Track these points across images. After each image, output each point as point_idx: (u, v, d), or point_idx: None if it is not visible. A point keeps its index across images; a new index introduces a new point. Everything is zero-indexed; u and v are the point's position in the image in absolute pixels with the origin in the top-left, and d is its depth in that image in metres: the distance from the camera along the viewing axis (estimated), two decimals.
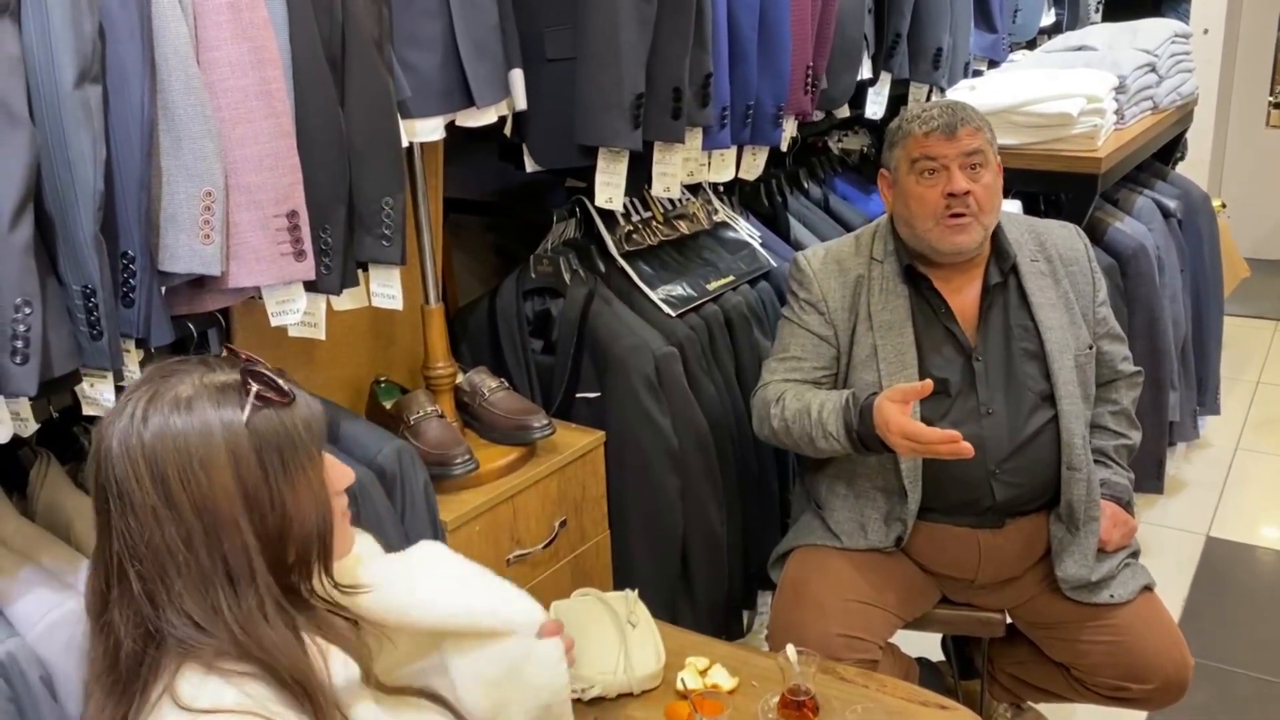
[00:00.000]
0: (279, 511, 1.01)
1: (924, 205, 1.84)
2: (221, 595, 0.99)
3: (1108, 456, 2.01)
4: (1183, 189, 3.27)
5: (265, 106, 1.37)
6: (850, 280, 1.94)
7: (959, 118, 1.84)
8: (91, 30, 1.19)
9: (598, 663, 1.61)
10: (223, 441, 0.98)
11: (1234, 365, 3.96)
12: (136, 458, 0.97)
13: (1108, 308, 2.03)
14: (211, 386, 1.00)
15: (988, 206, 1.85)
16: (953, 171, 1.82)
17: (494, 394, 1.99)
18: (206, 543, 0.98)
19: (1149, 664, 1.86)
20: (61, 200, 1.21)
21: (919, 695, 1.60)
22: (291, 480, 1.01)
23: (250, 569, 1.00)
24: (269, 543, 1.01)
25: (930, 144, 1.83)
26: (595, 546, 2.08)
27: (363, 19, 1.51)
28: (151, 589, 0.98)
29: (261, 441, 1.00)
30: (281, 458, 1.01)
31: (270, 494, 1.00)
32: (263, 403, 1.01)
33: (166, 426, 0.98)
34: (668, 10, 1.87)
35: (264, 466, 1.00)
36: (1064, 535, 1.90)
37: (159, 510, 0.97)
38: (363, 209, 1.56)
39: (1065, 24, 3.67)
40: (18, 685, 1.21)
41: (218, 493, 0.98)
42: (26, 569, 1.31)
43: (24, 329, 1.17)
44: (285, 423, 1.02)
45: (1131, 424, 2.07)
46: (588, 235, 2.29)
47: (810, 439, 1.84)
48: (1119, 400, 2.05)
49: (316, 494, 1.04)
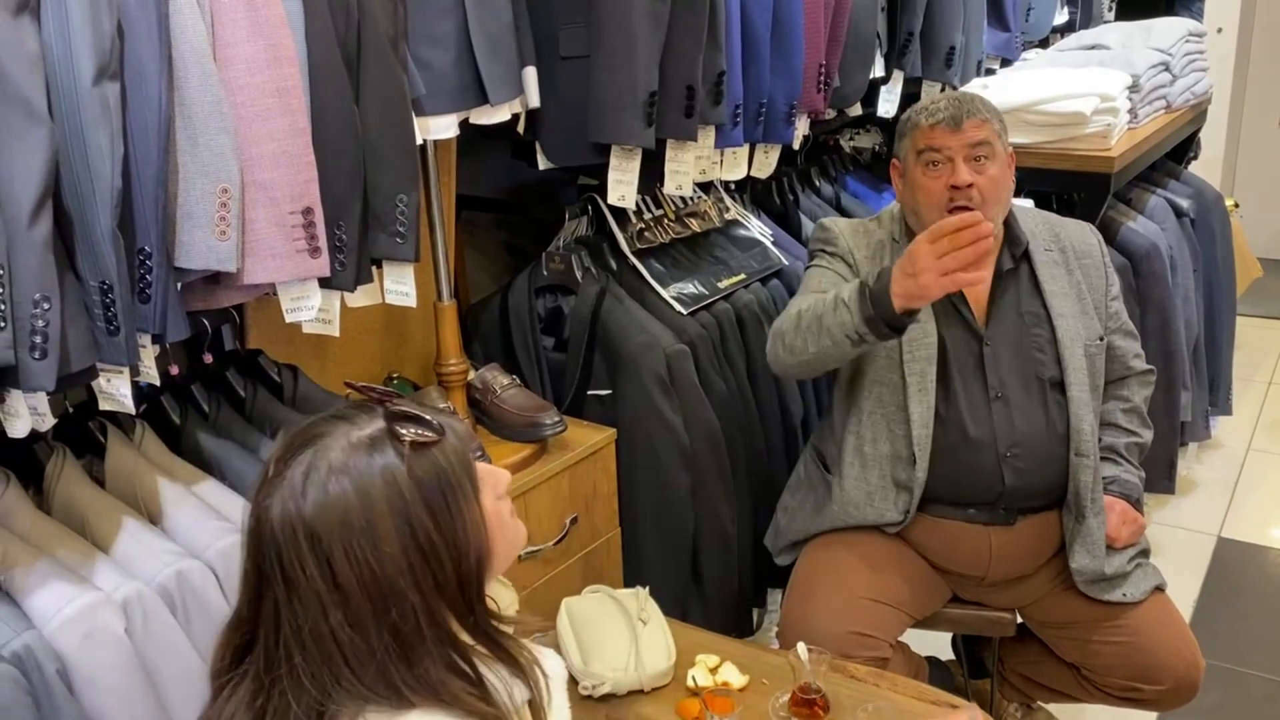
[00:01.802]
0: (454, 554, 0.98)
1: (929, 196, 1.85)
2: (393, 669, 0.95)
3: (1118, 454, 2.01)
4: (1196, 188, 3.25)
5: (281, 104, 1.37)
6: (874, 242, 1.96)
7: (965, 109, 1.84)
8: (110, 28, 1.20)
9: (609, 660, 1.61)
10: (385, 502, 0.95)
11: (1246, 365, 3.95)
12: (299, 540, 0.94)
13: (1120, 303, 2.03)
14: (362, 443, 0.97)
15: (992, 198, 1.84)
16: (957, 164, 1.82)
17: (505, 391, 1.99)
18: (377, 621, 0.94)
19: (1160, 665, 1.86)
20: (80, 196, 1.22)
21: (929, 694, 1.60)
22: (461, 518, 0.99)
23: (419, 633, 0.96)
24: (449, 589, 0.98)
25: (935, 136, 1.84)
26: (606, 544, 2.09)
27: (378, 16, 1.51)
28: (317, 674, 0.94)
29: (424, 489, 0.97)
30: (445, 499, 0.98)
31: (445, 540, 0.97)
32: (416, 448, 0.97)
33: (328, 498, 0.94)
34: (681, 9, 1.88)
35: (433, 514, 0.97)
36: (1074, 525, 1.90)
37: (326, 596, 0.93)
38: (377, 206, 1.56)
39: (1078, 23, 3.66)
40: (34, 678, 1.22)
41: (385, 563, 0.94)
42: (42, 563, 1.31)
43: (43, 324, 1.18)
44: (440, 461, 0.98)
45: (1143, 422, 2.06)
46: (600, 233, 2.29)
47: (818, 319, 1.75)
48: (1130, 397, 2.05)
49: (479, 526, 1.01)
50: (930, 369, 1.86)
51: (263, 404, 1.72)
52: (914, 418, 1.86)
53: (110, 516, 1.42)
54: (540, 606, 1.90)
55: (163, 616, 1.33)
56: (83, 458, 1.53)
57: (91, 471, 1.52)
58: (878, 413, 1.91)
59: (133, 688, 1.29)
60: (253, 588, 0.97)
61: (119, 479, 1.50)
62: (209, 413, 1.67)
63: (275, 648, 0.96)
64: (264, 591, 0.96)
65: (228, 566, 1.40)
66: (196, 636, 1.35)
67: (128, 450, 1.53)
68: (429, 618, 0.97)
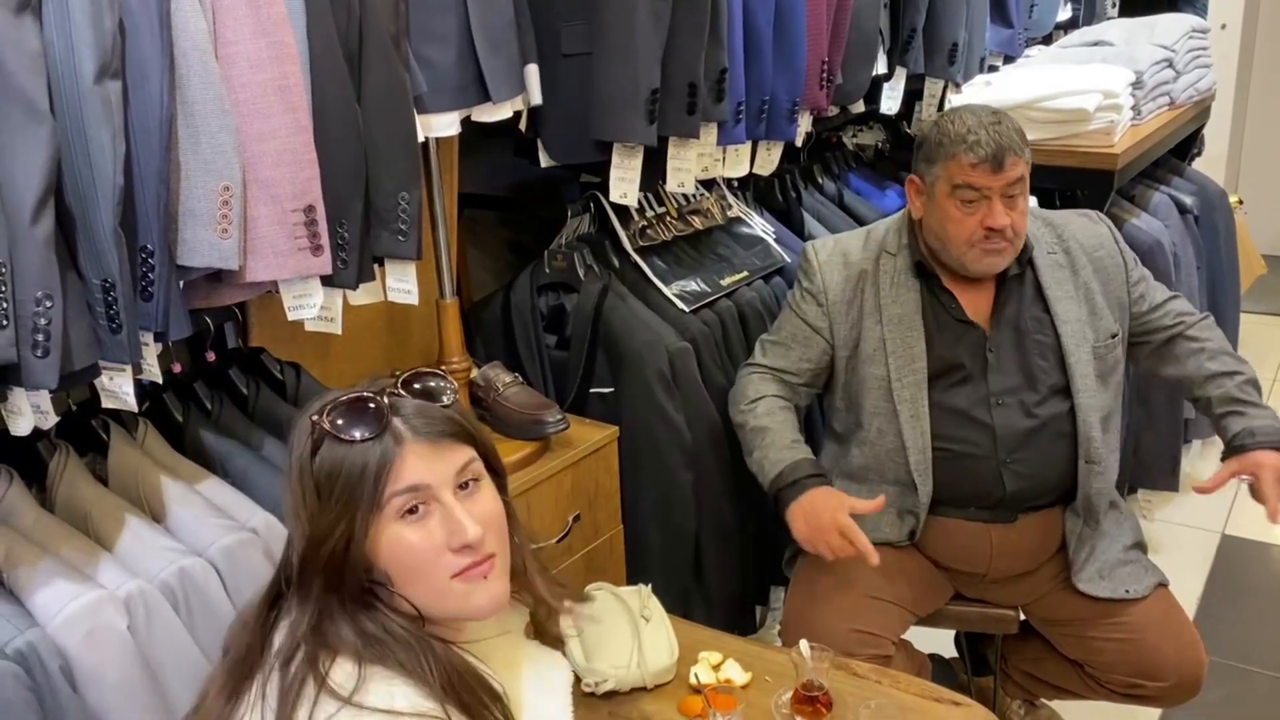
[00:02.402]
0: (327, 538, 1.07)
1: (961, 229, 1.83)
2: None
3: (1237, 400, 1.88)
4: (1199, 185, 3.25)
5: (283, 102, 1.37)
6: (853, 275, 1.95)
7: (1004, 146, 1.78)
8: (112, 26, 1.20)
9: (611, 657, 1.61)
10: (295, 460, 1.09)
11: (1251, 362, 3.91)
12: None
13: (1147, 281, 1.99)
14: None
15: (1022, 231, 1.85)
16: (994, 204, 1.79)
17: (508, 389, 1.99)
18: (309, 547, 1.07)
19: (1163, 661, 1.86)
20: (82, 195, 1.22)
21: (932, 691, 1.59)
22: (344, 515, 1.06)
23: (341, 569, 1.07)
24: (329, 565, 1.07)
25: (976, 175, 1.79)
26: (609, 541, 2.09)
27: (380, 14, 1.51)
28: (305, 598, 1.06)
29: (319, 472, 1.06)
30: (333, 490, 1.06)
31: (326, 519, 1.07)
32: (327, 437, 1.09)
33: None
34: (683, 6, 1.87)
35: (320, 495, 1.06)
36: (1082, 530, 1.89)
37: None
38: (379, 204, 1.56)
39: (1082, 19, 3.65)
40: (37, 675, 1.22)
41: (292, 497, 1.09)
42: (46, 560, 1.32)
43: (45, 322, 1.18)
44: (343, 461, 1.06)
45: (1236, 358, 1.94)
46: (602, 230, 2.29)
47: (749, 449, 1.97)
48: (1205, 342, 1.94)
49: (361, 534, 1.08)
50: (921, 394, 1.87)
51: (265, 402, 1.72)
52: (909, 445, 1.87)
53: (113, 514, 1.42)
54: None
55: (165, 614, 1.33)
56: (85, 455, 1.53)
57: (94, 469, 1.52)
58: (880, 444, 1.92)
59: (135, 685, 1.29)
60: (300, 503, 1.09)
61: (122, 477, 1.51)
62: (212, 410, 1.67)
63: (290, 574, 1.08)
64: None
65: (230, 564, 1.40)
66: (199, 634, 1.36)
67: (130, 448, 1.54)
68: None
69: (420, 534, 1.06)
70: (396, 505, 1.05)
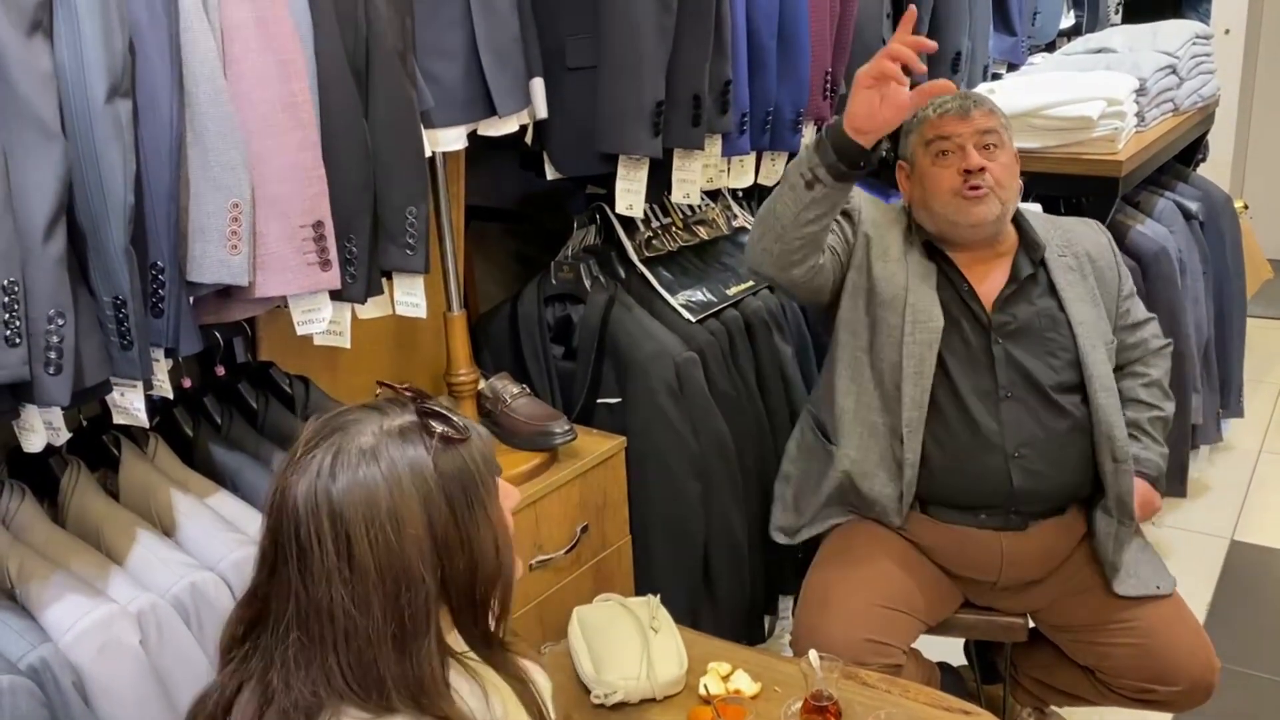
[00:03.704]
0: (467, 552, 1.00)
1: (940, 183, 1.85)
2: (384, 657, 0.96)
3: (1141, 430, 1.98)
4: (1204, 191, 3.25)
5: (291, 118, 1.38)
6: (890, 217, 1.96)
7: (971, 100, 1.87)
8: (122, 46, 1.21)
9: (620, 668, 1.61)
10: (413, 487, 0.97)
11: (1257, 367, 3.93)
12: (322, 517, 0.95)
13: (1134, 299, 2.03)
14: (393, 432, 0.99)
15: (1006, 183, 1.86)
16: (968, 150, 1.84)
17: (516, 400, 2.00)
18: (384, 605, 0.96)
19: (1175, 666, 1.85)
20: (93, 213, 1.23)
21: (942, 700, 1.60)
22: (476, 518, 1.01)
23: (426, 621, 0.98)
24: (457, 587, 1.00)
25: (944, 124, 1.85)
26: (617, 552, 2.09)
27: (386, 30, 1.52)
28: (310, 656, 0.96)
29: (448, 482, 0.99)
30: (466, 496, 1.00)
31: (461, 535, 0.99)
32: (445, 443, 1.00)
33: (355, 480, 0.96)
34: (687, 19, 1.88)
35: (452, 508, 0.99)
36: (1118, 530, 1.88)
37: (337, 573, 0.95)
38: (387, 218, 1.57)
39: (1085, 26, 3.66)
40: (50, 691, 1.23)
41: (406, 545, 0.96)
42: (58, 576, 1.32)
43: (57, 340, 1.19)
44: (466, 459, 1.01)
45: (1164, 394, 2.03)
46: (608, 241, 2.30)
47: (779, 183, 1.76)
48: (1148, 373, 2.02)
49: (497, 527, 1.03)
50: (930, 354, 1.86)
51: (275, 415, 1.73)
52: (906, 398, 1.86)
53: (124, 529, 1.43)
54: (551, 616, 1.90)
55: (177, 628, 1.34)
56: (97, 471, 1.54)
57: (106, 484, 1.53)
58: (881, 388, 1.91)
59: (148, 699, 1.29)
60: (268, 563, 0.99)
61: (133, 491, 1.52)
62: (221, 424, 1.68)
63: (279, 623, 0.98)
64: (278, 567, 0.98)
65: (241, 578, 1.40)
66: (211, 648, 1.36)
67: (141, 463, 1.55)
68: (435, 609, 0.99)
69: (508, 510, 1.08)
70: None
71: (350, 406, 1.05)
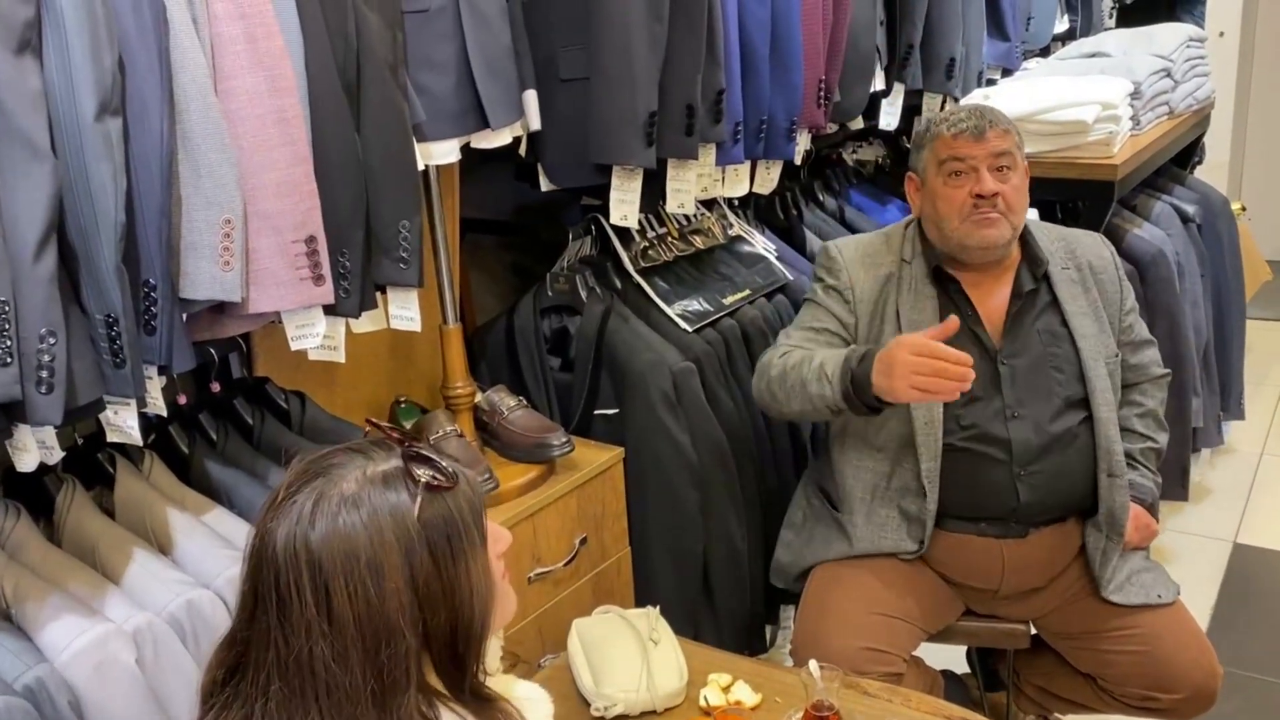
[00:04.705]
0: (450, 604, 0.97)
1: (951, 205, 1.85)
2: (365, 711, 0.93)
3: (1134, 459, 2.00)
4: (1201, 193, 3.25)
5: (282, 134, 1.38)
6: (881, 275, 1.94)
7: (987, 120, 1.85)
8: (111, 63, 1.21)
9: (620, 681, 1.61)
10: (394, 538, 0.94)
11: (1257, 369, 3.93)
12: (301, 566, 0.92)
13: (1135, 315, 2.03)
14: (376, 478, 0.96)
15: (1016, 206, 1.86)
16: (981, 173, 1.83)
17: (513, 412, 1.99)
18: (363, 660, 0.92)
19: (1177, 673, 1.84)
20: (84, 231, 1.23)
21: (944, 709, 1.59)
22: (460, 569, 0.97)
23: (406, 677, 0.94)
24: (438, 639, 0.97)
25: (958, 145, 1.84)
26: (616, 563, 2.08)
27: (377, 44, 1.52)
28: (291, 707, 0.93)
29: (431, 532, 0.96)
30: (450, 546, 0.97)
31: (444, 587, 0.96)
32: (430, 490, 0.97)
33: (335, 528, 0.93)
34: (679, 28, 1.89)
35: (435, 558, 0.96)
36: (1106, 545, 1.89)
37: (316, 626, 0.92)
38: (380, 232, 1.57)
39: (1079, 30, 3.66)
40: (46, 711, 1.23)
41: (386, 598, 0.93)
42: (54, 595, 1.32)
43: (49, 359, 1.19)
44: (452, 508, 0.98)
45: (1159, 426, 2.05)
46: (604, 252, 2.30)
47: (803, 383, 1.80)
48: (1145, 402, 2.04)
49: (482, 578, 1.00)
50: (937, 405, 1.86)
51: (271, 431, 1.73)
52: (922, 451, 1.86)
53: (120, 547, 1.43)
54: (550, 628, 1.90)
55: (173, 646, 1.33)
56: (92, 489, 1.54)
57: (101, 502, 1.53)
58: (890, 446, 1.91)
59: (144, 717, 1.29)
60: (248, 609, 0.96)
61: (128, 509, 1.51)
62: (217, 441, 1.68)
63: (260, 672, 0.94)
64: (257, 614, 0.95)
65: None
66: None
67: (136, 481, 1.54)
68: (417, 667, 0.95)
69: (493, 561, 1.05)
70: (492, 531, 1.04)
71: (336, 448, 1.01)
